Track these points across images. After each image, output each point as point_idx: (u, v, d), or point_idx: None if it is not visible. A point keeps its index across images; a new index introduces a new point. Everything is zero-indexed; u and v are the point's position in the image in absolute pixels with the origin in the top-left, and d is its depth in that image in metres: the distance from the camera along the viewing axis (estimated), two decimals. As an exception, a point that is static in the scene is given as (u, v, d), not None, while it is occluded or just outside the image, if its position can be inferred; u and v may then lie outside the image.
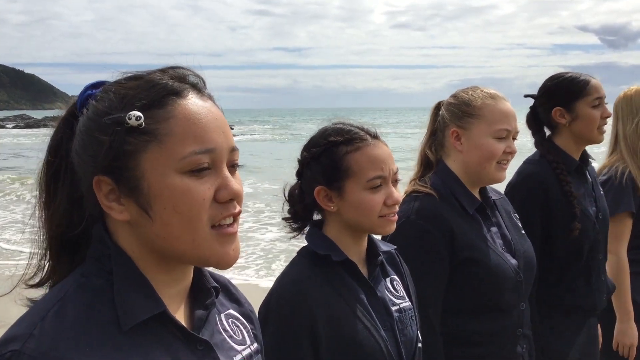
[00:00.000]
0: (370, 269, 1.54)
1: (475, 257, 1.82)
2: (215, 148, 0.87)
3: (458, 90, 2.01)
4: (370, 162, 1.45)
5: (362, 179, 1.45)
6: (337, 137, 1.48)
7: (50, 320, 0.81)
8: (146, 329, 0.86)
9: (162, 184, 0.84)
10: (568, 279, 2.34)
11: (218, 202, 0.87)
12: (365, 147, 1.47)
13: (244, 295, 1.14)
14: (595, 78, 2.36)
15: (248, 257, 8.18)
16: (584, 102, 2.31)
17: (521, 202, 2.23)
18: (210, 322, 0.98)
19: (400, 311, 1.52)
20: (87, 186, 0.87)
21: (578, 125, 2.33)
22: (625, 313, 2.60)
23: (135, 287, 0.87)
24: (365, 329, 1.42)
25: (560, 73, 2.41)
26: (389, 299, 1.52)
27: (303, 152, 1.55)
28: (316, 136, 1.54)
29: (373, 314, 1.46)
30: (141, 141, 0.84)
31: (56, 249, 0.93)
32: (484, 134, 1.88)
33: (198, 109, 0.87)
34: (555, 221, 2.28)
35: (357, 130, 1.50)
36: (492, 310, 1.85)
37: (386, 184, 1.47)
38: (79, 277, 0.88)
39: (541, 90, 2.43)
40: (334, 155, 1.47)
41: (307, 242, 1.53)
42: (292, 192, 1.57)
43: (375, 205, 1.45)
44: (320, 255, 1.47)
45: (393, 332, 1.47)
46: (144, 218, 0.85)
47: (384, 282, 1.55)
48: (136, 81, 0.88)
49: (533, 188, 2.29)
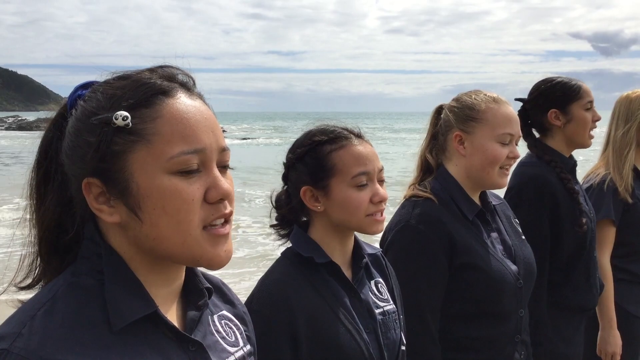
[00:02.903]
0: (354, 271, 1.54)
1: (474, 262, 1.81)
2: (205, 148, 0.86)
3: (460, 93, 2.00)
4: (355, 159, 1.45)
5: (347, 176, 1.45)
6: (321, 136, 1.49)
7: (40, 320, 0.80)
8: (137, 330, 0.85)
9: (150, 184, 0.83)
10: (573, 278, 2.37)
11: (208, 202, 0.86)
12: (349, 145, 1.47)
13: (238, 297, 1.14)
14: (584, 83, 2.44)
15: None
16: (578, 104, 2.38)
17: (529, 204, 2.24)
18: (203, 323, 0.98)
19: (384, 314, 1.52)
20: (77, 188, 0.87)
21: (572, 127, 2.39)
22: (607, 321, 2.61)
23: (127, 287, 0.86)
24: (347, 331, 1.42)
25: (552, 77, 2.47)
26: (373, 302, 1.52)
27: (288, 154, 1.56)
28: (300, 138, 1.55)
29: (355, 316, 1.46)
30: (129, 141, 0.83)
31: (46, 251, 0.92)
32: (488, 138, 1.87)
33: (187, 109, 0.86)
34: (563, 220, 2.30)
35: (340, 129, 1.51)
36: (491, 316, 1.85)
37: (372, 182, 1.47)
38: (70, 276, 0.87)
39: (534, 93, 2.47)
40: (318, 154, 1.48)
41: (291, 243, 1.53)
42: (278, 198, 1.58)
43: (362, 203, 1.45)
44: (303, 256, 1.47)
45: (376, 334, 1.47)
46: (133, 219, 0.84)
47: (369, 285, 1.55)
48: (124, 81, 0.87)
49: (540, 188, 2.30)
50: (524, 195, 2.28)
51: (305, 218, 1.57)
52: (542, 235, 2.23)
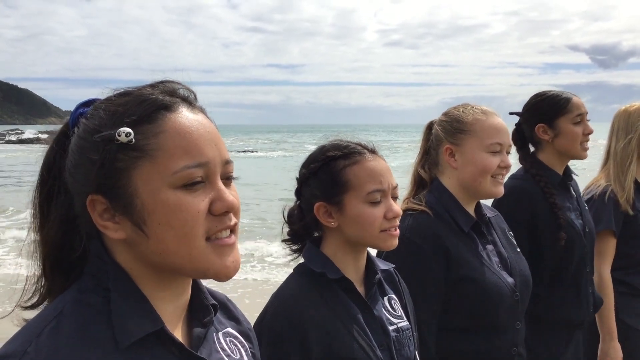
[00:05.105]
0: (367, 287, 1.52)
1: (470, 275, 1.81)
2: (208, 161, 0.86)
3: (449, 108, 2.03)
4: (369, 175, 1.45)
5: (361, 192, 1.44)
6: (335, 152, 1.49)
7: (46, 337, 0.80)
8: (144, 347, 0.84)
9: (155, 199, 0.83)
10: (558, 292, 2.36)
11: (213, 214, 0.86)
12: (363, 161, 1.47)
13: (243, 314, 1.13)
14: (576, 96, 2.44)
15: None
16: (566, 118, 2.39)
17: (508, 215, 2.24)
18: (208, 340, 0.97)
19: (398, 331, 1.50)
20: (81, 206, 0.86)
21: (561, 141, 2.40)
22: (608, 333, 2.59)
23: (133, 304, 0.86)
24: (361, 348, 1.40)
25: (544, 91, 2.48)
26: (387, 318, 1.50)
27: (301, 169, 1.55)
28: (314, 153, 1.54)
29: (369, 333, 1.44)
30: (132, 157, 0.83)
31: (51, 269, 0.92)
32: (477, 149, 1.89)
33: (189, 123, 0.86)
34: (542, 233, 2.31)
35: (354, 145, 1.50)
36: (487, 329, 1.84)
37: (386, 198, 1.47)
38: (76, 293, 0.87)
39: (525, 107, 2.50)
40: (332, 169, 1.47)
41: (303, 259, 1.52)
42: (291, 213, 1.57)
43: (376, 219, 1.44)
44: (316, 272, 1.46)
45: (390, 351, 1.45)
46: (139, 235, 0.84)
47: (382, 301, 1.53)
48: (126, 97, 0.87)
49: (518, 200, 2.32)
50: (502, 207, 2.29)
51: (317, 233, 1.56)
52: (520, 247, 2.20)
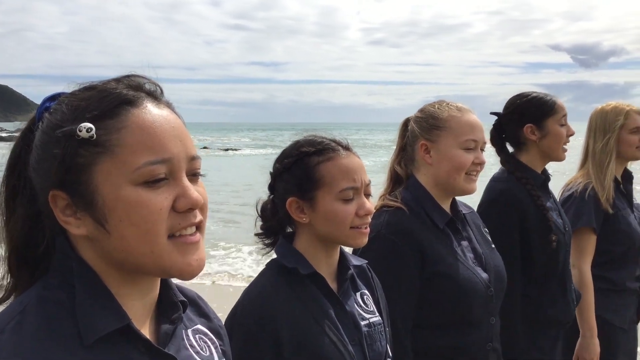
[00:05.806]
0: (340, 283, 1.53)
1: (445, 271, 1.82)
2: (172, 157, 0.85)
3: (425, 104, 2.04)
4: (342, 172, 1.46)
5: (334, 189, 1.45)
6: (309, 147, 1.49)
7: (9, 334, 0.78)
8: (109, 343, 0.83)
9: (116, 196, 0.82)
10: (549, 292, 2.38)
11: (177, 211, 0.85)
12: (337, 158, 1.47)
13: (214, 311, 1.12)
14: (558, 98, 2.48)
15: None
16: (554, 119, 2.41)
17: (498, 219, 2.26)
18: (177, 337, 0.96)
19: (370, 326, 1.51)
20: (44, 201, 0.86)
21: (547, 142, 2.42)
22: (588, 329, 2.63)
23: (98, 300, 0.85)
24: (332, 343, 1.40)
25: (527, 92, 2.49)
26: (358, 314, 1.51)
27: (275, 164, 1.55)
28: (288, 148, 1.54)
29: (341, 328, 1.44)
30: (94, 153, 0.82)
31: (16, 265, 0.91)
32: (452, 146, 1.90)
33: (153, 118, 0.85)
34: (532, 235, 2.32)
35: (328, 141, 1.51)
36: (462, 324, 1.85)
37: (358, 195, 1.47)
38: (41, 289, 0.86)
39: (509, 107, 2.49)
40: (305, 165, 1.47)
41: (275, 254, 1.52)
42: (264, 207, 1.57)
43: (347, 216, 1.45)
44: (288, 268, 1.46)
45: (361, 347, 1.46)
46: (101, 232, 0.83)
47: (354, 297, 1.54)
48: (89, 92, 0.86)
49: (509, 204, 2.33)
50: (492, 210, 2.31)
51: (290, 229, 1.56)
52: (512, 249, 2.24)
